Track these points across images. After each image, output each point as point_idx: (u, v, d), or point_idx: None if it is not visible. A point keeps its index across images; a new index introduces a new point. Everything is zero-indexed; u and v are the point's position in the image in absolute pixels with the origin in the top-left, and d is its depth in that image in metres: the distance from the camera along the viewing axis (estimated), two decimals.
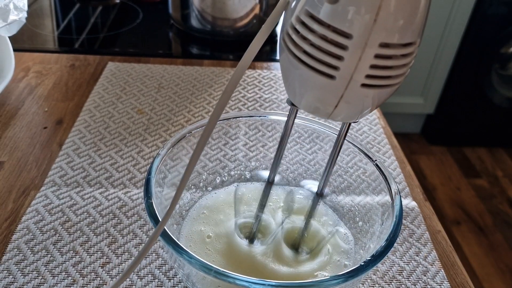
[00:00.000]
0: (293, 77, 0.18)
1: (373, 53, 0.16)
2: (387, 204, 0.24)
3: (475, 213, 1.15)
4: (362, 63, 0.16)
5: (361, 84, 0.17)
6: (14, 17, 0.40)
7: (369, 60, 0.16)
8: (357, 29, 0.15)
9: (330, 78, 0.17)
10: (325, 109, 0.18)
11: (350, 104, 0.18)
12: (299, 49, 0.17)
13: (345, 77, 0.16)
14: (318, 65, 0.17)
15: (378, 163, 0.26)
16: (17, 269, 0.28)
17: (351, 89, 0.17)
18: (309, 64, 0.17)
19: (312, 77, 0.17)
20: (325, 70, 0.17)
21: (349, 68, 0.16)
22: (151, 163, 0.25)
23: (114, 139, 0.39)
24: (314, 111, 0.19)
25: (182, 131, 0.27)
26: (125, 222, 0.31)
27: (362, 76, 0.16)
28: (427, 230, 0.33)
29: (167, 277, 0.28)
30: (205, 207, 0.28)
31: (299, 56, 0.17)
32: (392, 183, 0.25)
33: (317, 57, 0.16)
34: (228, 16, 0.55)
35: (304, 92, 0.18)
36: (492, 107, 1.26)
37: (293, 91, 0.19)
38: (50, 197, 0.33)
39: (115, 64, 0.50)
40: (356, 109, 0.18)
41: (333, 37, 0.16)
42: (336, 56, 0.16)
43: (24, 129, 0.40)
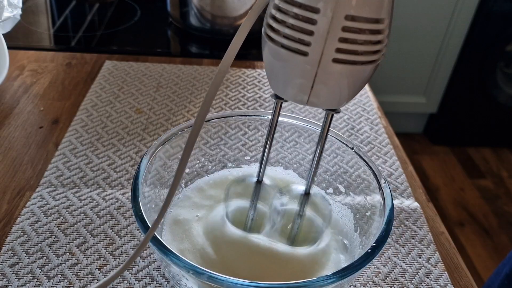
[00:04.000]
0: (274, 65, 0.20)
1: (340, 26, 0.17)
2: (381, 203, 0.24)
3: (479, 214, 1.14)
4: (330, 36, 0.17)
5: (333, 59, 0.18)
6: (8, 14, 0.39)
7: (337, 32, 0.17)
8: (324, 2, 0.17)
9: (304, 55, 0.18)
10: (302, 92, 0.19)
11: (325, 84, 0.19)
12: (278, 33, 0.18)
13: (317, 52, 0.18)
14: (293, 44, 0.18)
15: (356, 150, 0.27)
16: (11, 271, 0.27)
17: (324, 65, 0.18)
18: (285, 45, 0.18)
19: (289, 58, 0.18)
20: (300, 47, 0.18)
21: (319, 42, 0.17)
22: (138, 165, 0.25)
23: (112, 139, 0.39)
24: (294, 97, 0.20)
25: (170, 131, 0.27)
26: (122, 223, 0.31)
27: (332, 50, 0.18)
28: (430, 232, 0.32)
29: (165, 279, 0.28)
30: (195, 190, 0.28)
31: (277, 39, 0.18)
32: (373, 167, 0.25)
33: (292, 36, 0.18)
34: (228, 15, 0.54)
35: (283, 77, 0.19)
36: (496, 106, 1.25)
37: (275, 80, 0.20)
38: (46, 198, 0.32)
39: (112, 62, 0.50)
40: (332, 91, 0.19)
41: (304, 14, 0.17)
42: (308, 31, 0.18)
43: (19, 129, 0.39)
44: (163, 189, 0.27)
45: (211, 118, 0.29)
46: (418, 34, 1.16)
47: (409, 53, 1.20)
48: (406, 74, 1.25)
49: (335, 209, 0.28)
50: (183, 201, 0.28)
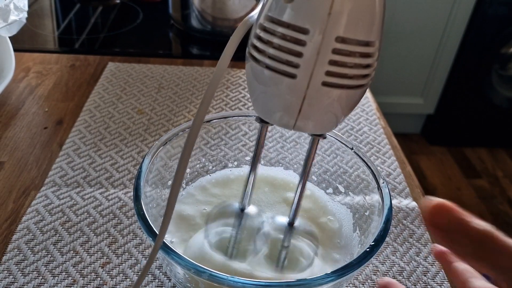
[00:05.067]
0: (259, 87, 0.18)
1: (330, 48, 0.16)
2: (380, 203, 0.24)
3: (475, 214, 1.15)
4: (320, 58, 0.16)
5: (322, 82, 0.17)
6: (15, 17, 0.40)
7: (327, 55, 0.16)
8: (313, 23, 0.16)
9: (292, 78, 0.17)
10: (289, 116, 0.18)
11: (314, 107, 0.18)
12: (263, 54, 0.17)
13: (306, 74, 0.17)
14: (280, 66, 0.17)
15: (355, 151, 0.26)
16: (17, 269, 0.28)
17: (313, 87, 0.17)
18: (272, 67, 0.17)
19: (276, 80, 0.17)
20: (287, 69, 0.17)
21: (308, 64, 0.17)
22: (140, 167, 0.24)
23: (115, 139, 0.39)
24: (280, 121, 0.19)
25: (171, 131, 0.27)
26: (125, 222, 0.31)
27: (322, 72, 0.17)
28: (427, 231, 0.33)
29: (167, 277, 0.28)
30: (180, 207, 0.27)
31: (263, 60, 0.17)
32: (372, 167, 0.25)
33: (279, 58, 0.17)
34: (228, 17, 0.55)
35: (268, 100, 0.18)
36: (492, 107, 1.26)
37: (260, 103, 0.19)
38: (51, 197, 0.33)
39: (115, 64, 0.50)
40: (320, 116, 0.18)
41: (292, 35, 0.16)
42: (296, 53, 0.17)
43: (24, 129, 0.40)
44: (164, 189, 0.27)
45: (211, 118, 0.29)
46: (415, 37, 1.17)
47: (407, 56, 1.21)
48: (404, 76, 1.26)
49: (336, 209, 0.28)
50: (186, 198, 0.28)
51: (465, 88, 1.23)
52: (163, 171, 0.27)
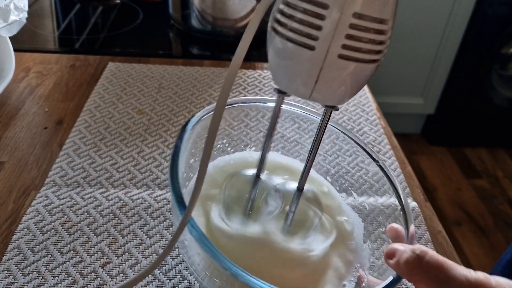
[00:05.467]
0: (280, 59, 0.20)
1: (348, 23, 0.18)
2: (392, 207, 0.24)
3: (475, 214, 1.15)
4: (338, 32, 0.18)
5: (338, 54, 0.18)
6: (15, 18, 0.40)
7: (345, 29, 0.18)
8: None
9: (311, 49, 0.18)
10: (306, 87, 0.20)
11: (329, 79, 0.19)
12: (285, 27, 0.19)
13: (324, 47, 0.18)
14: (300, 38, 0.18)
15: (381, 165, 0.27)
16: (17, 269, 0.28)
17: (330, 59, 0.18)
18: (293, 39, 0.19)
19: (296, 51, 0.19)
20: (307, 41, 0.18)
21: (327, 37, 0.18)
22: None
23: (115, 139, 0.39)
24: (297, 91, 0.20)
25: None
26: (125, 222, 0.31)
27: (339, 45, 0.18)
28: (427, 231, 0.33)
29: (168, 278, 0.28)
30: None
31: (285, 33, 0.19)
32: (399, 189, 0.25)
33: (300, 31, 0.18)
34: (228, 17, 0.55)
35: (288, 71, 0.20)
36: (492, 107, 1.26)
37: (279, 74, 0.21)
38: (51, 197, 0.33)
39: (115, 64, 0.50)
40: (335, 87, 0.20)
41: (312, 9, 0.18)
42: (316, 26, 0.18)
43: (24, 129, 0.40)
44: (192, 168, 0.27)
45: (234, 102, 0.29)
46: (416, 37, 1.17)
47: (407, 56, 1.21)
48: (404, 76, 1.26)
49: (350, 213, 0.28)
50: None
51: (465, 88, 1.23)
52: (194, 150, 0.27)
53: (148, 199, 0.33)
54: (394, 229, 0.24)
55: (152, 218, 0.32)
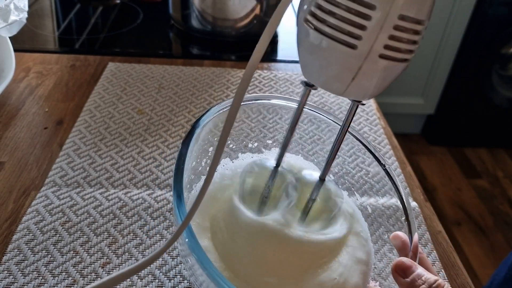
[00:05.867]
0: (313, 54, 0.20)
1: (392, 24, 0.18)
2: (393, 208, 0.24)
3: (475, 214, 1.15)
4: (382, 33, 0.18)
5: (379, 54, 0.18)
6: (15, 18, 0.40)
7: (389, 30, 0.18)
8: (381, 1, 0.18)
9: (352, 48, 0.18)
10: (342, 83, 0.20)
11: (366, 76, 0.19)
12: (324, 23, 0.19)
13: (366, 47, 0.18)
14: (341, 36, 0.18)
15: (388, 169, 0.27)
16: (17, 269, 0.28)
17: (370, 59, 0.18)
18: (333, 36, 0.19)
19: (335, 48, 0.19)
20: (349, 40, 0.18)
21: (370, 37, 0.18)
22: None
23: (115, 139, 0.39)
24: (331, 86, 0.20)
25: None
26: (125, 223, 0.31)
27: (381, 46, 0.18)
28: (427, 231, 0.33)
29: (168, 278, 0.28)
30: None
31: (323, 29, 0.19)
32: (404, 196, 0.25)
33: (341, 28, 0.18)
34: (229, 17, 0.55)
35: (322, 66, 0.20)
36: (492, 107, 1.26)
37: (311, 68, 0.21)
38: (51, 198, 0.33)
39: (115, 64, 0.50)
40: (370, 84, 0.20)
41: (357, 8, 0.18)
42: (360, 26, 0.18)
43: (24, 130, 0.40)
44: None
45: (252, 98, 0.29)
46: None
47: None
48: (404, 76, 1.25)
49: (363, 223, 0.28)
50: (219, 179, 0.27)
51: (465, 88, 1.23)
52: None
53: (148, 199, 0.33)
54: (400, 239, 0.24)
55: (152, 218, 0.32)
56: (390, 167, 0.27)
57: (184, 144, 0.23)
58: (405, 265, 0.21)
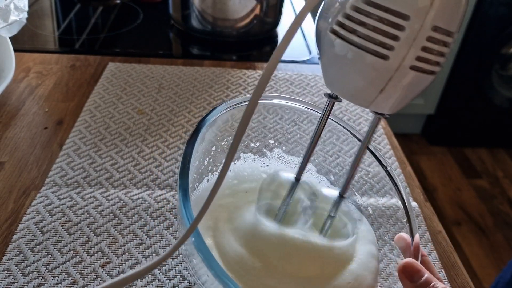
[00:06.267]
0: (340, 64, 0.19)
1: (426, 35, 0.18)
2: (393, 208, 0.24)
3: (475, 214, 1.15)
4: (415, 44, 0.18)
5: (411, 66, 0.18)
6: (15, 18, 0.40)
7: (422, 41, 0.18)
8: (415, 11, 0.17)
9: (384, 59, 0.18)
10: (370, 95, 0.19)
11: (395, 88, 0.19)
12: (353, 33, 0.18)
13: (398, 57, 0.18)
14: (374, 46, 0.18)
15: (389, 171, 0.27)
16: (17, 269, 0.28)
17: (401, 70, 0.18)
18: (365, 46, 0.18)
19: (365, 59, 0.18)
20: (380, 50, 0.18)
21: (403, 48, 0.18)
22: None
23: (115, 139, 0.39)
24: (358, 98, 0.20)
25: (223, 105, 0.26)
26: (125, 223, 0.31)
27: (414, 57, 0.18)
28: (427, 231, 0.33)
29: (168, 278, 0.28)
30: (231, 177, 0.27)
31: (354, 40, 0.18)
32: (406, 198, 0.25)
33: (373, 39, 0.18)
34: (229, 17, 0.55)
35: (350, 77, 0.19)
36: (492, 107, 1.26)
37: (336, 80, 0.20)
38: (51, 198, 0.33)
39: (115, 64, 0.50)
40: (398, 96, 0.19)
41: (390, 19, 0.17)
42: (393, 36, 0.18)
43: (24, 130, 0.40)
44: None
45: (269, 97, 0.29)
46: None
47: None
48: None
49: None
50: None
51: (465, 88, 1.23)
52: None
53: (148, 199, 0.33)
54: (404, 241, 0.23)
55: (152, 218, 0.32)
56: (391, 168, 0.27)
57: (190, 143, 0.23)
58: (414, 269, 0.20)
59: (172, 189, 0.35)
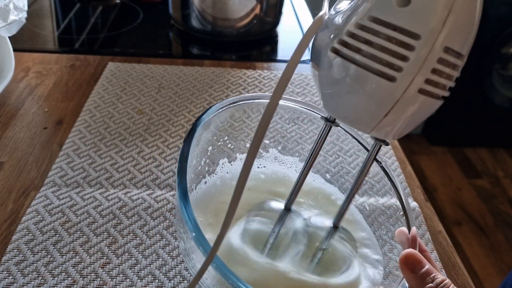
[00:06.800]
0: (343, 86, 0.18)
1: (437, 56, 0.16)
2: (393, 208, 0.24)
3: (476, 214, 1.15)
4: (425, 65, 0.16)
5: (419, 89, 0.17)
6: (14, 17, 0.40)
7: (433, 63, 0.16)
8: (426, 30, 0.16)
9: (391, 81, 0.17)
10: (373, 119, 0.18)
11: (401, 113, 0.17)
12: (358, 53, 0.17)
13: (407, 79, 0.16)
14: (380, 67, 0.17)
15: (384, 166, 0.26)
16: (17, 269, 0.28)
17: (409, 93, 0.17)
18: (370, 67, 0.17)
19: (369, 80, 0.17)
20: (387, 71, 0.17)
21: (412, 69, 0.16)
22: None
23: (114, 139, 0.39)
24: (359, 123, 0.18)
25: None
26: (125, 223, 0.31)
27: (423, 80, 0.17)
28: (428, 231, 0.33)
29: (168, 278, 0.28)
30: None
31: (358, 60, 0.17)
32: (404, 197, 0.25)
33: (380, 58, 0.17)
34: (229, 17, 0.55)
35: (352, 100, 0.18)
36: (493, 107, 1.26)
37: (335, 102, 0.19)
38: (50, 198, 0.33)
39: (115, 64, 0.50)
40: (403, 122, 0.18)
41: (399, 38, 0.16)
42: (401, 57, 0.16)
43: (24, 130, 0.40)
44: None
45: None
46: None
47: None
48: None
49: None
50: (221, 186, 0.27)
51: (466, 88, 1.23)
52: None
53: (148, 199, 0.33)
54: (405, 235, 0.23)
55: (152, 218, 0.32)
56: (386, 163, 0.26)
57: (186, 142, 0.22)
58: (416, 259, 0.20)
59: (172, 189, 0.35)
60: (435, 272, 0.20)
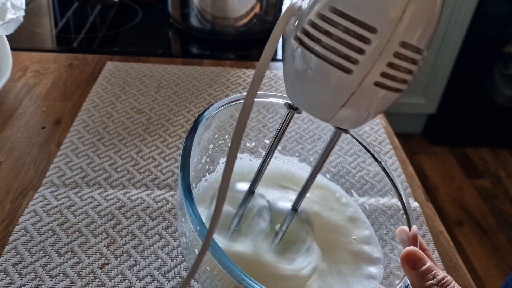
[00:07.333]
0: (302, 75, 0.18)
1: (392, 51, 0.16)
2: (394, 208, 0.24)
3: (477, 214, 1.15)
4: (381, 59, 0.16)
5: (375, 82, 0.17)
6: (12, 16, 0.40)
7: (388, 57, 0.17)
8: (383, 23, 0.16)
9: (347, 73, 0.17)
10: (330, 109, 0.18)
11: (357, 104, 0.18)
12: (318, 43, 0.17)
13: (362, 72, 0.17)
14: (337, 58, 0.17)
15: (384, 166, 0.26)
16: (14, 270, 0.27)
17: (364, 86, 0.17)
18: (326, 58, 0.17)
19: (327, 71, 0.17)
20: (344, 63, 0.17)
21: (368, 62, 0.17)
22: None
23: (113, 139, 0.39)
24: (318, 112, 0.19)
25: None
26: (124, 223, 0.31)
27: (378, 73, 0.17)
28: (429, 231, 0.33)
29: (166, 279, 0.28)
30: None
31: (318, 50, 0.17)
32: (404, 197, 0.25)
33: (337, 50, 0.17)
34: (228, 16, 0.55)
35: (312, 90, 0.18)
36: (494, 107, 1.25)
37: (298, 91, 0.19)
38: (48, 198, 0.33)
39: (114, 63, 0.50)
40: (359, 113, 0.18)
41: (356, 30, 0.16)
42: (358, 49, 0.16)
43: (22, 129, 0.40)
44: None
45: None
46: None
47: None
48: None
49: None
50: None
51: (467, 87, 1.23)
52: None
53: (147, 200, 0.33)
54: (406, 234, 0.23)
55: (151, 219, 0.32)
56: (387, 163, 0.27)
57: (189, 138, 0.22)
58: (417, 256, 0.20)
59: (172, 189, 0.34)
60: (436, 269, 0.20)
